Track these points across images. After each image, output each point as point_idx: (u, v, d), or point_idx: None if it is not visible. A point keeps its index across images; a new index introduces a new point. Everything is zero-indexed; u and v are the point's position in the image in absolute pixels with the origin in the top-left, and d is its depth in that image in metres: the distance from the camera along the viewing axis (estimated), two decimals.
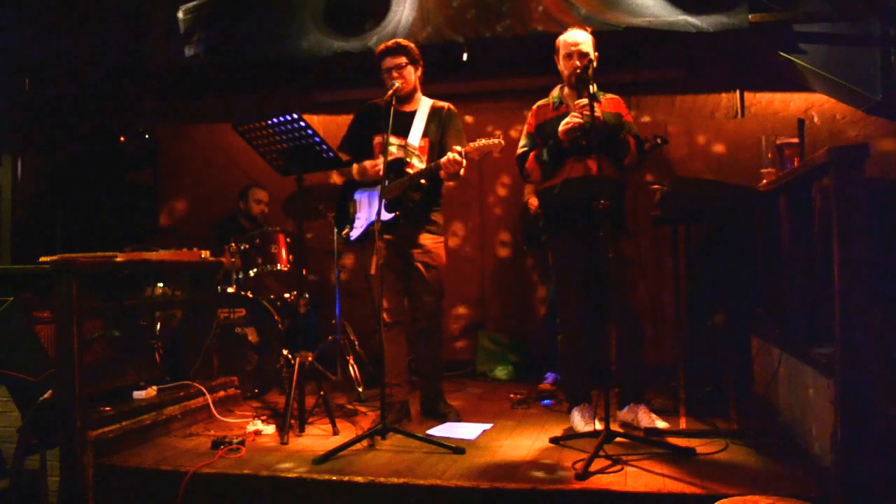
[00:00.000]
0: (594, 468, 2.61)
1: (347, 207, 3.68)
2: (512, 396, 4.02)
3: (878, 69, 4.01)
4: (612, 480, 2.53)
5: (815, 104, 4.76)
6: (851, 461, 2.29)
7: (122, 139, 5.27)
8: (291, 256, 4.50)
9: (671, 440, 2.99)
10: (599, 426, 2.92)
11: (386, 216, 3.36)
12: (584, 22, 3.97)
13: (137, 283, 4.22)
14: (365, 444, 3.07)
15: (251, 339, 4.35)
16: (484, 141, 3.27)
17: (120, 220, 5.24)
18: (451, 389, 4.37)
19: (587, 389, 3.37)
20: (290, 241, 4.52)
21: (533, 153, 3.41)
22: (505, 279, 5.24)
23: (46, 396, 2.87)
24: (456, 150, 3.31)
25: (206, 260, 3.68)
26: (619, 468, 2.66)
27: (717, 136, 4.90)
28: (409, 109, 3.59)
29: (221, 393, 3.90)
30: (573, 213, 3.28)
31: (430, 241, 3.56)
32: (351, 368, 4.27)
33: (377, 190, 3.38)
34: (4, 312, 3.04)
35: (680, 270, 3.45)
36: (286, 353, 4.09)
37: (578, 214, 3.25)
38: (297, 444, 3.19)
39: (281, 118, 3.21)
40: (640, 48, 4.85)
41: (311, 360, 3.52)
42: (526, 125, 3.51)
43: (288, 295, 4.53)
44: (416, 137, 3.54)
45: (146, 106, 5.72)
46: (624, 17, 4.21)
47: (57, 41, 4.97)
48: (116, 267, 3.19)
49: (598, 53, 3.32)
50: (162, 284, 4.31)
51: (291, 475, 2.70)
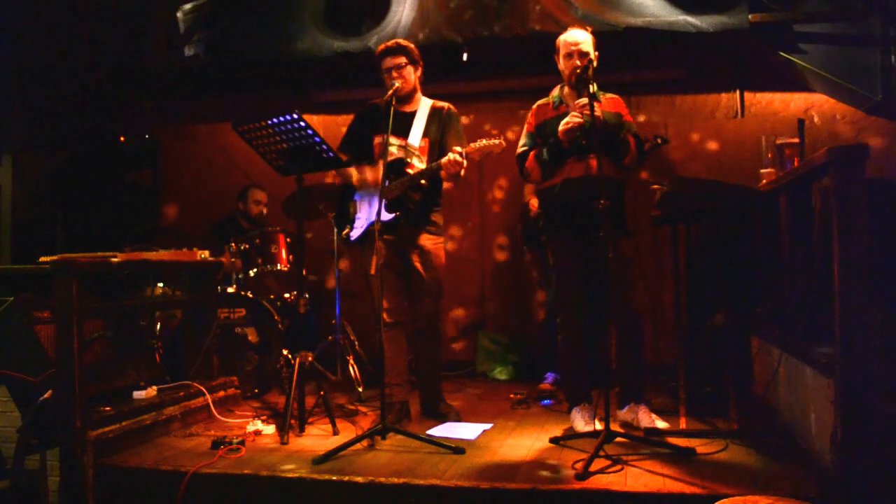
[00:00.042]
0: (594, 468, 2.61)
1: (347, 208, 3.68)
2: (512, 396, 4.02)
3: (878, 69, 4.02)
4: (612, 480, 2.53)
5: (815, 104, 4.76)
6: (851, 461, 2.29)
7: (122, 139, 5.27)
8: (291, 256, 4.50)
9: (671, 440, 2.99)
10: (599, 426, 2.91)
11: (386, 216, 3.36)
12: (582, 21, 3.97)
13: (137, 283, 4.22)
14: (365, 444, 3.07)
15: (251, 339, 4.35)
16: (485, 141, 3.26)
17: (120, 220, 5.23)
18: (450, 389, 4.37)
19: (587, 389, 3.37)
20: (290, 241, 4.53)
21: (533, 152, 3.40)
22: (505, 279, 5.24)
23: (46, 396, 2.87)
24: (456, 150, 3.30)
25: (206, 260, 3.69)
26: (619, 468, 2.65)
27: (717, 136, 4.90)
28: (409, 110, 3.59)
29: (221, 393, 3.90)
30: (573, 212, 3.27)
31: (429, 241, 3.56)
32: (351, 368, 4.27)
33: (377, 190, 3.38)
34: (4, 312, 3.04)
35: (680, 270, 3.45)
36: (286, 353, 4.09)
37: (578, 214, 3.25)
38: (297, 444, 3.19)
39: (281, 118, 3.20)
40: (640, 48, 4.84)
41: (311, 360, 3.52)
42: (526, 124, 3.50)
43: (288, 295, 4.53)
44: (416, 138, 3.53)
45: (146, 106, 5.72)
46: (623, 16, 4.21)
47: (57, 41, 4.97)
48: (116, 267, 3.19)
49: (598, 53, 3.31)
50: (162, 284, 4.30)
51: (291, 475, 2.70)
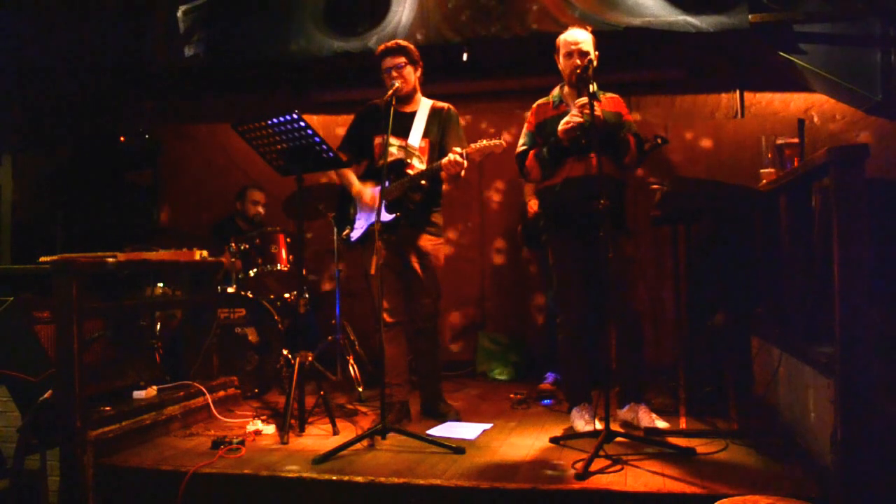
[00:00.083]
0: (594, 468, 2.61)
1: (347, 208, 3.67)
2: (512, 396, 4.03)
3: (878, 69, 4.02)
4: (612, 480, 2.53)
5: (815, 104, 4.76)
6: (851, 461, 2.29)
7: (122, 139, 5.27)
8: (291, 256, 4.50)
9: (671, 440, 2.99)
10: (599, 426, 2.91)
11: (386, 217, 3.36)
12: (582, 21, 3.97)
13: (137, 283, 4.22)
14: (365, 443, 3.07)
15: (251, 339, 4.35)
16: (485, 142, 3.26)
17: (120, 220, 5.24)
18: (451, 389, 4.37)
19: (587, 389, 3.37)
20: (289, 241, 4.53)
21: (533, 152, 3.40)
22: (505, 279, 5.24)
23: (46, 396, 2.87)
24: (457, 151, 3.30)
25: (205, 260, 3.68)
26: (619, 468, 2.65)
27: (717, 136, 4.90)
28: (409, 110, 3.58)
29: (221, 393, 3.90)
30: (573, 212, 3.27)
31: (429, 242, 3.56)
32: (351, 368, 4.27)
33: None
34: (4, 312, 3.04)
35: (680, 270, 3.45)
36: (286, 353, 4.09)
37: (578, 213, 3.24)
38: (297, 444, 3.18)
39: (281, 118, 3.20)
40: (640, 48, 4.85)
41: (311, 360, 3.52)
42: (526, 123, 3.50)
43: (288, 295, 4.53)
44: (416, 138, 3.53)
45: (146, 106, 5.72)
46: (623, 16, 4.20)
47: (56, 41, 4.96)
48: (116, 267, 3.19)
49: (598, 53, 3.31)
50: (162, 284, 4.31)
51: (291, 475, 2.70)
